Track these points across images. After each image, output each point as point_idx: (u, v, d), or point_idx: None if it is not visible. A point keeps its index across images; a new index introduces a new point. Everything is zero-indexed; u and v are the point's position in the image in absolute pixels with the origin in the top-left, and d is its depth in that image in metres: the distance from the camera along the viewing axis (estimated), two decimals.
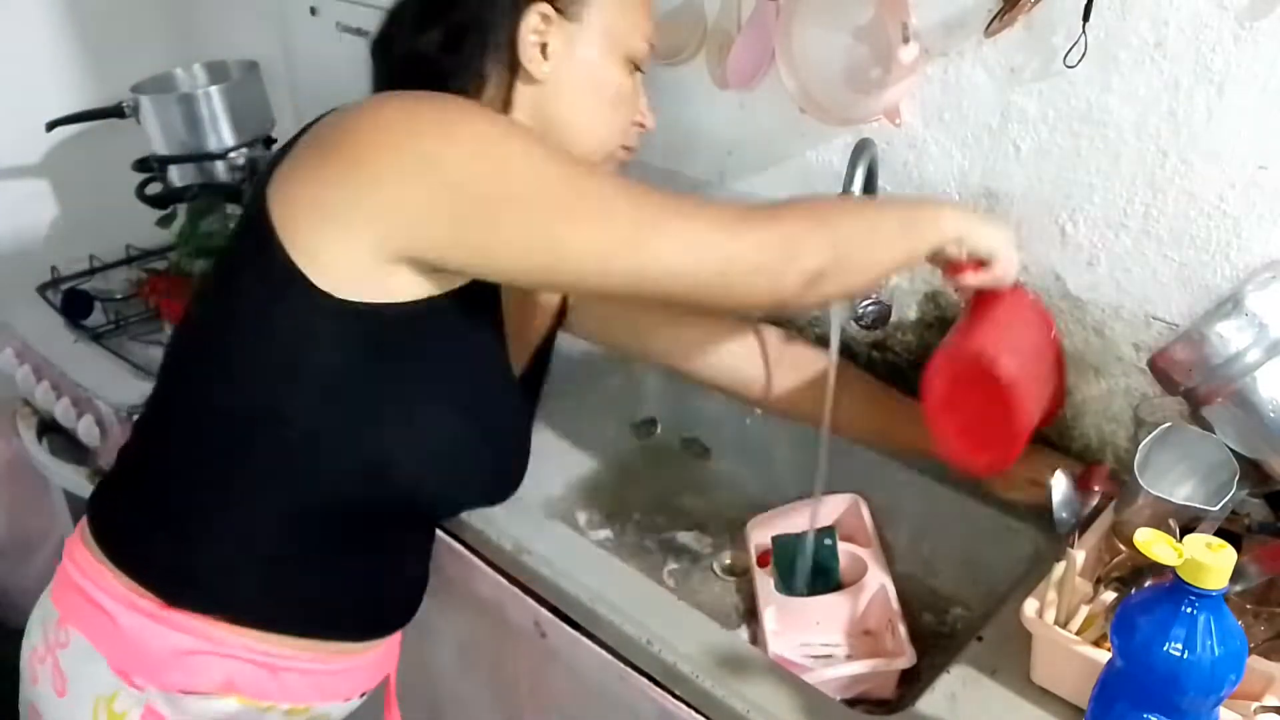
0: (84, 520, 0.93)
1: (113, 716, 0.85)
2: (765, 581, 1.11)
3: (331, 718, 0.97)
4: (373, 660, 0.98)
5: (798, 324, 1.38)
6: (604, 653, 0.98)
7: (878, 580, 1.08)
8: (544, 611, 1.03)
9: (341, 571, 0.91)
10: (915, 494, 1.18)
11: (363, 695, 0.99)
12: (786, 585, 1.11)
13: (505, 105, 0.88)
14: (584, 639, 0.99)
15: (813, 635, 1.08)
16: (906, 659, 0.99)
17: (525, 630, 1.06)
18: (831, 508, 1.19)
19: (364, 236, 0.76)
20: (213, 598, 0.86)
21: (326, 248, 0.77)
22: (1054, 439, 1.17)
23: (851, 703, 0.97)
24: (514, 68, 0.87)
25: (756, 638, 1.09)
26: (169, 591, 0.85)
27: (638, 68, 0.95)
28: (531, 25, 0.87)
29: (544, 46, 0.87)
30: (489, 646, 1.15)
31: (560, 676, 1.06)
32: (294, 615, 0.89)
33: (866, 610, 1.08)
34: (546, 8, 0.87)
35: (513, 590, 1.06)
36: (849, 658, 1.05)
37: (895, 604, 1.06)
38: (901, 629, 1.03)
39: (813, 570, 1.11)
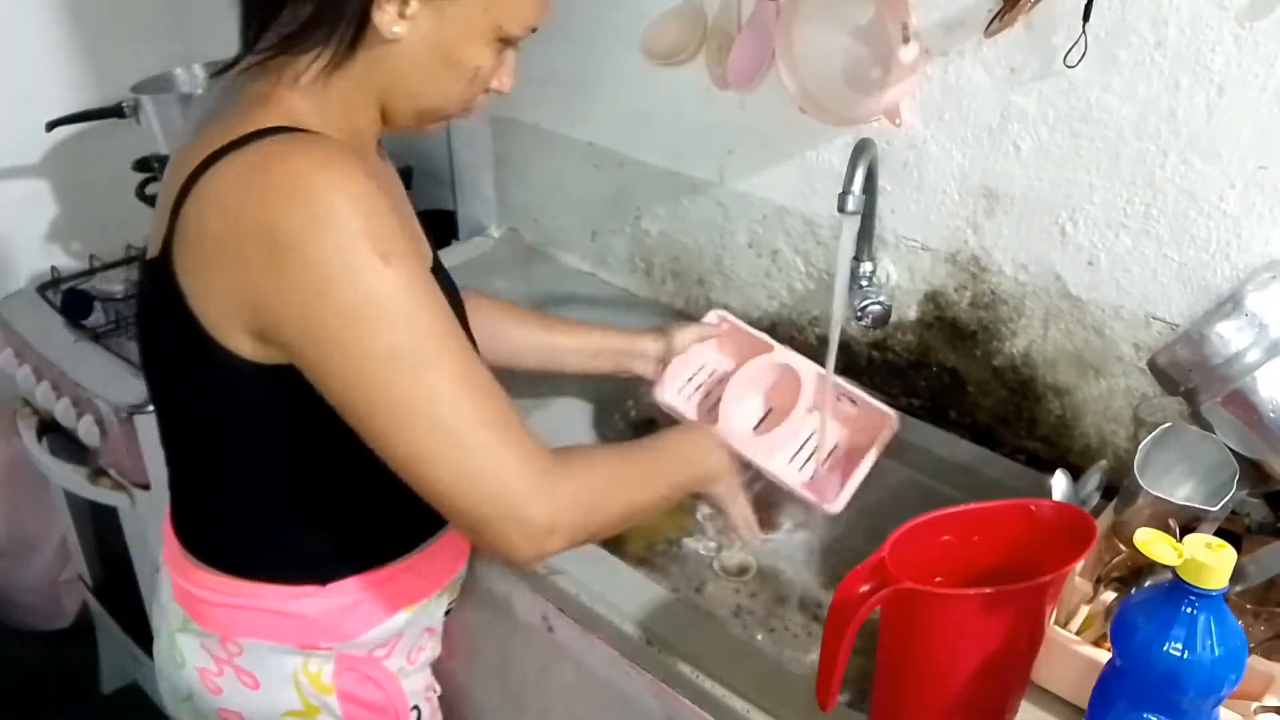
0: (179, 546, 0.98)
1: (311, 678, 0.96)
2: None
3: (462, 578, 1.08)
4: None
5: (798, 324, 1.38)
6: (611, 649, 0.98)
7: (811, 381, 1.18)
8: (552, 607, 1.03)
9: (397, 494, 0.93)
10: (914, 494, 1.18)
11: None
12: None
13: (349, 50, 0.81)
14: (591, 635, 1.00)
15: (790, 447, 1.17)
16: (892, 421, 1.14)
17: (534, 626, 1.07)
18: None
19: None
20: (347, 563, 0.95)
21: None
22: (1054, 439, 1.17)
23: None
24: (365, 17, 0.80)
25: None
26: (323, 574, 0.94)
27: (511, 44, 0.90)
28: None
29: (404, 6, 0.81)
30: (497, 641, 1.15)
31: (568, 672, 1.06)
32: (396, 544, 0.98)
33: (819, 398, 1.17)
34: None
35: (521, 586, 1.06)
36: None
37: (843, 382, 1.17)
38: (867, 396, 1.16)
39: None
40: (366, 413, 0.78)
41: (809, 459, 1.19)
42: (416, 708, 1.04)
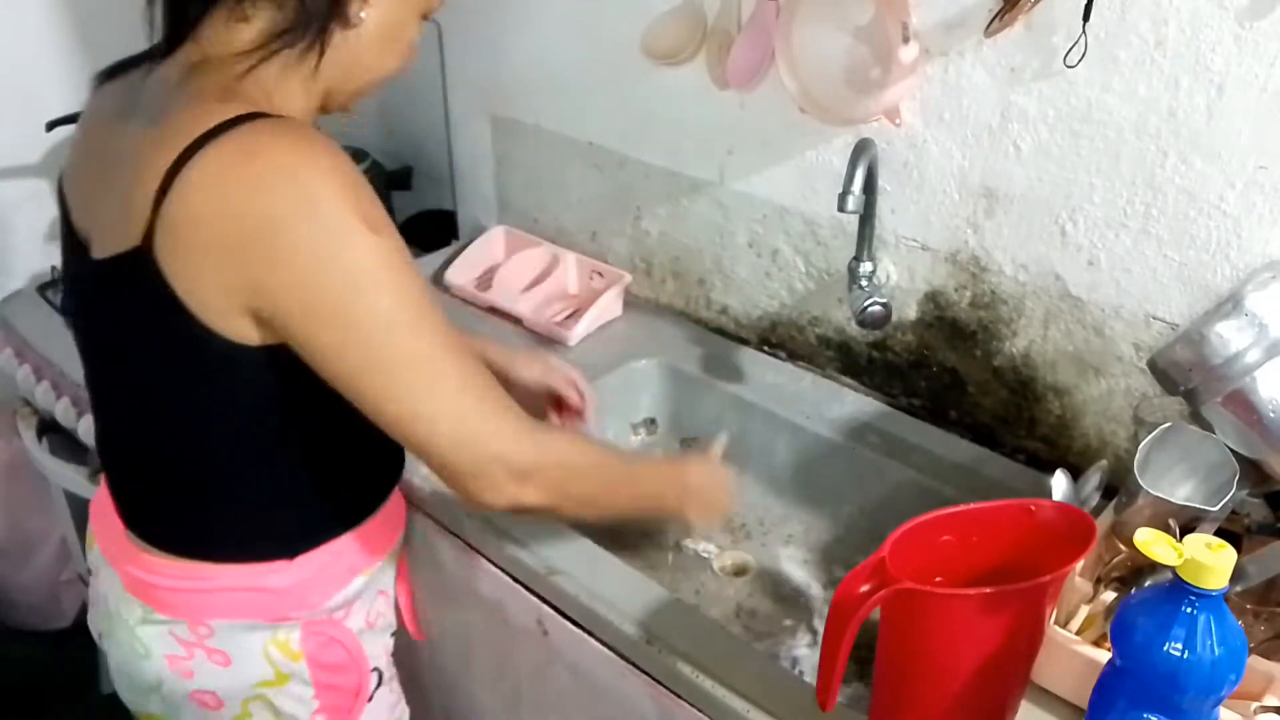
0: (129, 539, 0.98)
1: (280, 646, 0.98)
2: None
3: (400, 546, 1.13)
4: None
5: (798, 324, 1.38)
6: (606, 651, 0.98)
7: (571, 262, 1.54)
8: (546, 609, 1.03)
9: (356, 464, 1.02)
10: (913, 494, 1.18)
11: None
12: None
13: (321, 40, 0.85)
14: (586, 637, 1.00)
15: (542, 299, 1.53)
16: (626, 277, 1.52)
17: (528, 628, 1.06)
18: None
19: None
20: (311, 536, 0.98)
21: None
22: (1054, 439, 1.17)
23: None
24: (336, 8, 0.85)
25: None
26: (291, 548, 0.97)
27: (427, 17, 0.95)
28: None
29: None
30: (492, 644, 1.15)
31: (562, 674, 1.06)
32: (353, 512, 1.02)
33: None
34: None
35: (515, 588, 1.06)
36: None
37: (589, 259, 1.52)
38: (611, 267, 1.51)
39: None
40: (362, 376, 0.82)
41: (561, 311, 1.53)
42: (377, 669, 1.07)
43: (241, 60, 0.84)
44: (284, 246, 0.77)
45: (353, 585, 1.02)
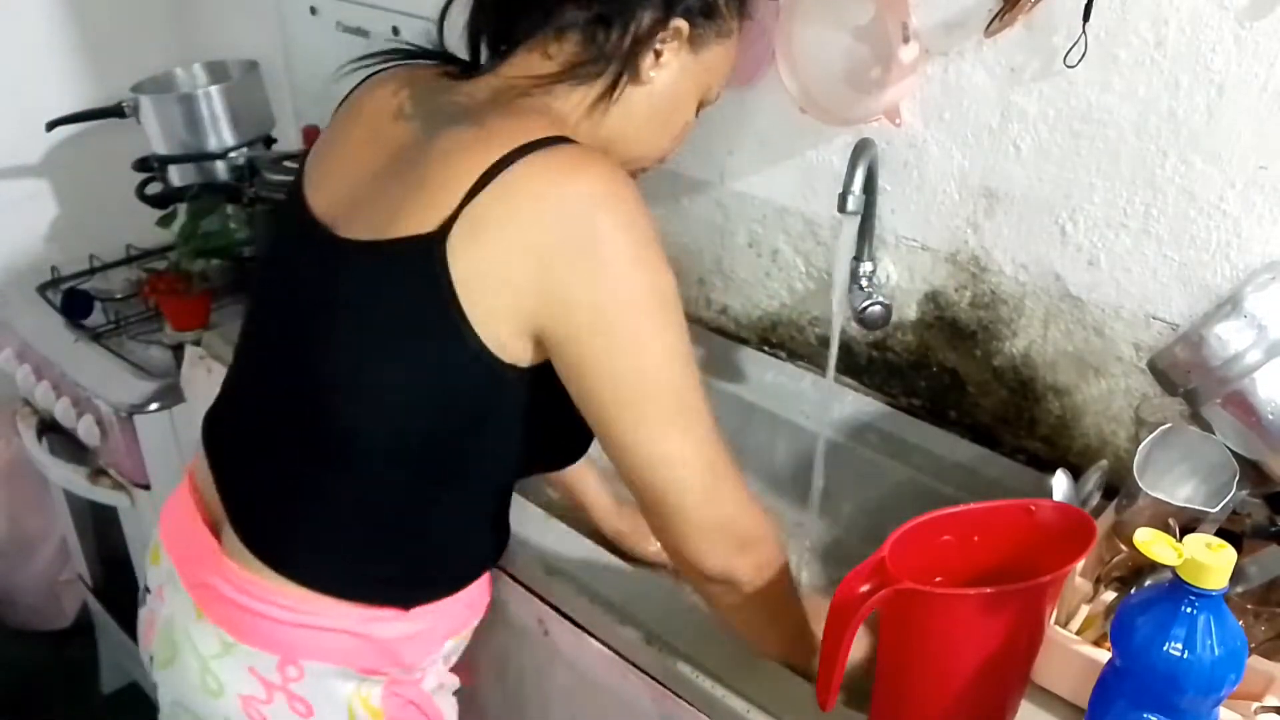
0: (235, 549, 0.92)
1: (363, 701, 0.93)
2: None
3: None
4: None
5: (798, 324, 1.38)
6: (606, 650, 0.98)
7: None
8: (547, 609, 1.03)
9: (492, 524, 1.00)
10: (912, 493, 1.18)
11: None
12: None
13: (610, 88, 0.87)
14: (587, 637, 1.00)
15: None
16: None
17: (528, 628, 1.06)
18: None
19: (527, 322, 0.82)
20: (427, 588, 0.95)
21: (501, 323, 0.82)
22: (1054, 439, 1.17)
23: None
24: (631, 57, 0.87)
25: None
26: (409, 599, 0.93)
27: (704, 105, 0.97)
28: (669, 31, 0.87)
29: (658, 53, 0.88)
30: (493, 644, 1.15)
31: (563, 674, 1.06)
32: (467, 574, 0.99)
33: None
34: (686, 27, 0.88)
35: (516, 588, 1.06)
36: None
37: None
38: None
39: None
40: (629, 406, 0.81)
41: None
42: None
43: (540, 86, 0.86)
44: (597, 260, 0.78)
45: (444, 649, 0.99)
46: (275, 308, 0.94)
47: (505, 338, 0.81)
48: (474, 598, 1.00)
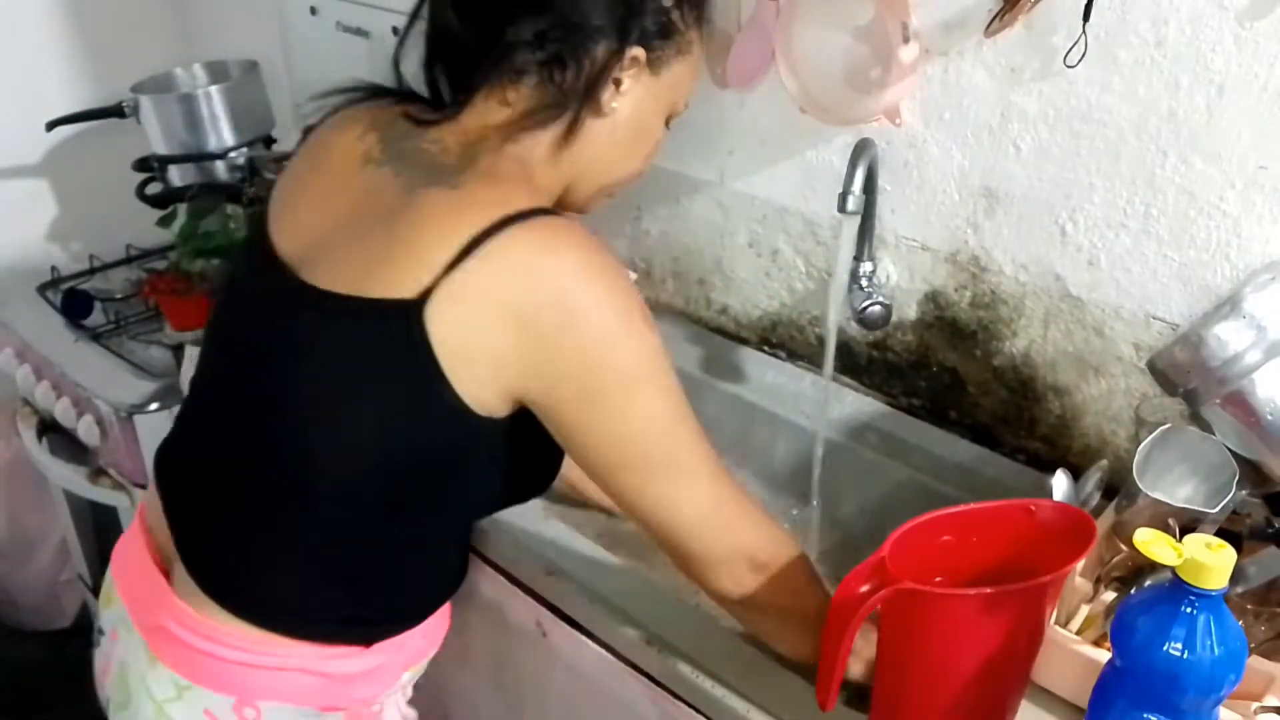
0: (188, 590, 0.90)
1: None
2: None
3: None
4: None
5: (798, 324, 1.38)
6: (605, 652, 0.98)
7: None
8: (545, 611, 1.03)
9: (449, 559, 1.01)
10: (912, 493, 1.18)
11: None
12: None
13: (571, 127, 0.87)
14: (585, 639, 1.00)
15: None
16: None
17: (527, 630, 1.06)
18: None
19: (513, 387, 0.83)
20: (386, 624, 0.96)
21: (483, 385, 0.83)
22: (1054, 439, 1.17)
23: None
24: (589, 94, 0.87)
25: None
26: (369, 636, 0.94)
27: (669, 120, 0.97)
28: (625, 61, 0.87)
29: (618, 83, 0.88)
30: (491, 646, 1.15)
31: (562, 676, 1.06)
32: (425, 608, 1.00)
33: None
34: (643, 54, 0.87)
35: (514, 590, 1.06)
36: None
37: None
38: None
39: None
40: (624, 465, 0.84)
41: None
42: None
43: (505, 135, 0.86)
44: (581, 333, 0.79)
45: (400, 680, 1.00)
46: (234, 345, 0.93)
47: (484, 398, 0.82)
48: (431, 629, 1.01)
